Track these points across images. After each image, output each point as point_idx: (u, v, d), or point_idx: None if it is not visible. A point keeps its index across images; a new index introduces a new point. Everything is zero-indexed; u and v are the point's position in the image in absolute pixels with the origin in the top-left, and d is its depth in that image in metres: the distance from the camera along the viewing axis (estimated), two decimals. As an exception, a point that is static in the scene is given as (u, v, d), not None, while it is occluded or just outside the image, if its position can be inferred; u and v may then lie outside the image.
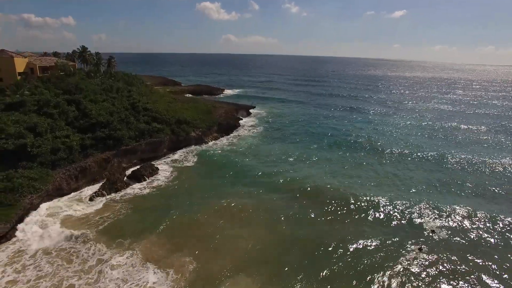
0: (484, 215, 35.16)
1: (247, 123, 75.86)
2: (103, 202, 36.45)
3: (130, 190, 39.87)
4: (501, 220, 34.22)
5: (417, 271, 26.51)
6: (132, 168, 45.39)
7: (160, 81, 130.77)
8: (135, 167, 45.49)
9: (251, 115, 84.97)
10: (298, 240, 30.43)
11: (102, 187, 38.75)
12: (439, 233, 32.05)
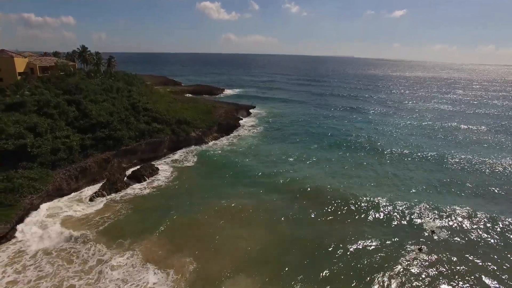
0: (484, 216, 35.18)
1: (247, 123, 75.88)
2: (103, 203, 36.47)
3: (130, 190, 39.91)
4: (501, 221, 34.24)
5: (417, 272, 26.55)
6: (132, 168, 45.42)
7: (161, 81, 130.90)
8: (135, 167, 45.51)
9: (251, 115, 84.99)
10: (298, 240, 30.50)
11: (102, 188, 38.77)
12: (439, 234, 32.09)
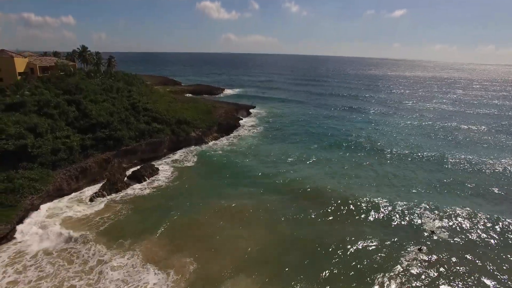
0: (484, 216, 35.19)
1: (247, 123, 75.91)
2: (104, 203, 36.50)
3: (131, 191, 39.95)
4: (501, 221, 34.24)
5: (417, 272, 26.60)
6: (133, 169, 45.45)
7: (160, 81, 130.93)
8: (136, 168, 45.56)
9: (251, 115, 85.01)
10: (298, 241, 30.55)
11: (103, 188, 38.81)
12: (439, 234, 32.12)
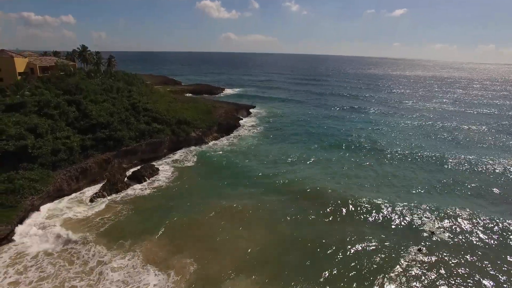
0: (484, 217, 35.21)
1: (247, 123, 75.93)
2: (104, 203, 36.55)
3: (131, 191, 40.00)
4: (501, 222, 34.27)
5: (417, 273, 26.65)
6: (133, 169, 45.49)
7: (161, 80, 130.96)
8: (136, 168, 45.59)
9: (251, 115, 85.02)
10: (298, 241, 30.62)
11: (103, 188, 38.85)
12: (439, 235, 32.16)
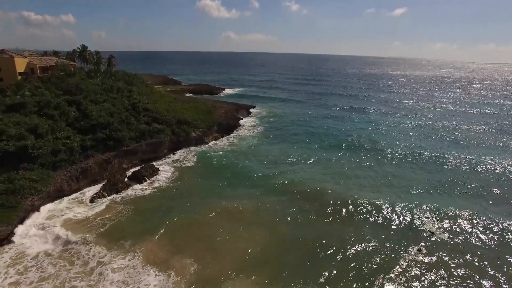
0: (484, 217, 35.24)
1: (248, 123, 75.95)
2: (104, 204, 36.59)
3: (131, 191, 40.04)
4: (501, 223, 34.29)
5: (417, 273, 26.69)
6: (133, 169, 45.52)
7: (161, 80, 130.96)
8: (136, 168, 45.62)
9: (252, 115, 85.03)
10: (298, 241, 30.66)
11: (103, 188, 38.89)
12: (439, 235, 32.19)
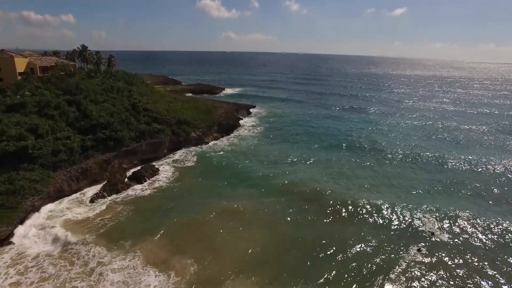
0: (484, 217, 35.25)
1: (248, 123, 75.96)
2: (105, 204, 36.63)
3: (131, 191, 40.06)
4: (501, 223, 34.30)
5: (416, 273, 26.70)
6: (133, 169, 45.54)
7: (161, 80, 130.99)
8: (136, 168, 45.65)
9: (252, 115, 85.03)
10: (298, 241, 30.68)
11: (103, 189, 38.91)
12: (439, 235, 32.20)
